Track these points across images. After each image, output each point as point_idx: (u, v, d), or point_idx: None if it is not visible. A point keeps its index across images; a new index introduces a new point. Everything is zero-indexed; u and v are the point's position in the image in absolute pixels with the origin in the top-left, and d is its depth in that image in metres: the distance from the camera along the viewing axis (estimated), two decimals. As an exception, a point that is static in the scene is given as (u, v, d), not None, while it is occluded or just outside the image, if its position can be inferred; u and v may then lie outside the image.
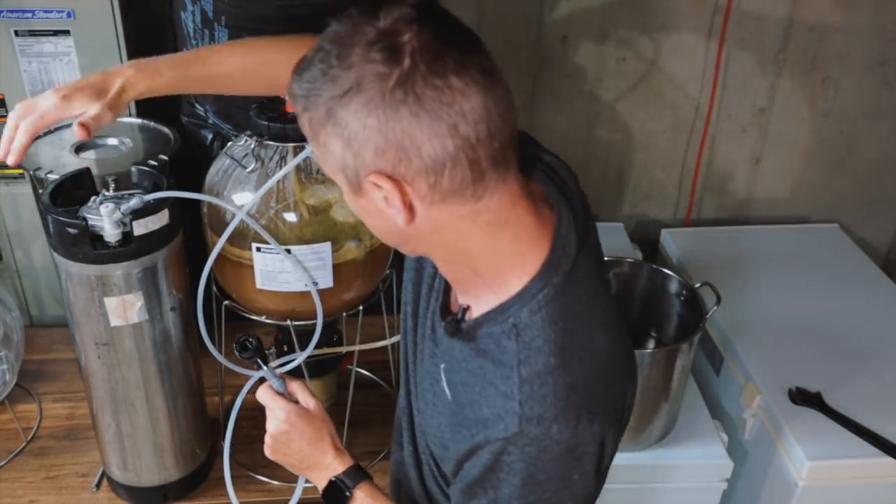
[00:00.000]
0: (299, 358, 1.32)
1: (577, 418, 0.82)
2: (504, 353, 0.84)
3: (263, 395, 1.09)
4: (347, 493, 1.02)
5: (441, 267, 0.93)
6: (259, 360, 1.10)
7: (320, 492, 1.06)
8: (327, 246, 1.32)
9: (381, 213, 0.82)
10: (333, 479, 1.04)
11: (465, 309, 0.91)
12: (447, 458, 0.95)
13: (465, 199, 0.80)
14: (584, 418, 0.82)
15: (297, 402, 1.09)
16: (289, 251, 1.31)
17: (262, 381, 1.13)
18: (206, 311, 1.29)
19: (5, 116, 1.66)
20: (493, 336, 0.86)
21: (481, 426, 0.85)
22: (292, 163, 1.27)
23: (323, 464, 1.05)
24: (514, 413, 0.81)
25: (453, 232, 0.83)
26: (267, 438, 1.08)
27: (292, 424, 1.05)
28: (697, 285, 1.62)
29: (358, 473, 1.04)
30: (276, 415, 1.06)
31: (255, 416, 1.66)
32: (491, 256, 0.85)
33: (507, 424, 0.82)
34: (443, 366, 0.95)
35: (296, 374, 1.56)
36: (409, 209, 0.80)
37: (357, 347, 1.44)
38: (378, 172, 0.78)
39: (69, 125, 1.65)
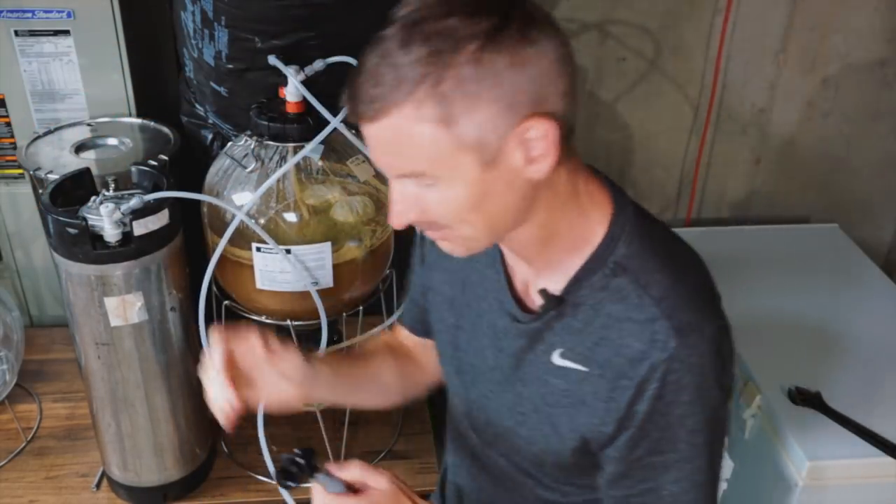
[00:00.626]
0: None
1: (715, 317, 0.86)
2: (622, 290, 0.86)
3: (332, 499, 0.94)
4: None
5: (526, 242, 0.89)
6: (313, 474, 0.95)
7: None
8: (327, 246, 1.32)
9: (512, 182, 0.80)
10: None
11: (544, 290, 0.90)
12: (598, 437, 0.90)
13: (569, 139, 0.82)
14: (715, 314, 0.87)
15: (354, 487, 0.95)
16: (289, 251, 1.31)
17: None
18: (206, 311, 1.29)
19: (6, 116, 1.66)
20: (598, 285, 0.87)
21: (638, 361, 0.84)
22: (292, 161, 1.27)
23: None
24: (667, 329, 0.83)
25: (555, 184, 0.84)
26: None
27: None
28: (697, 285, 1.61)
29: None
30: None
31: (255, 417, 1.67)
32: (576, 207, 0.87)
33: (665, 343, 0.83)
34: (558, 351, 0.91)
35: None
36: (559, 149, 0.79)
37: (358, 339, 1.44)
38: (534, 115, 0.77)
39: (69, 125, 1.66)
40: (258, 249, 1.32)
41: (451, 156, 0.77)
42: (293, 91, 1.32)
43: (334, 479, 0.94)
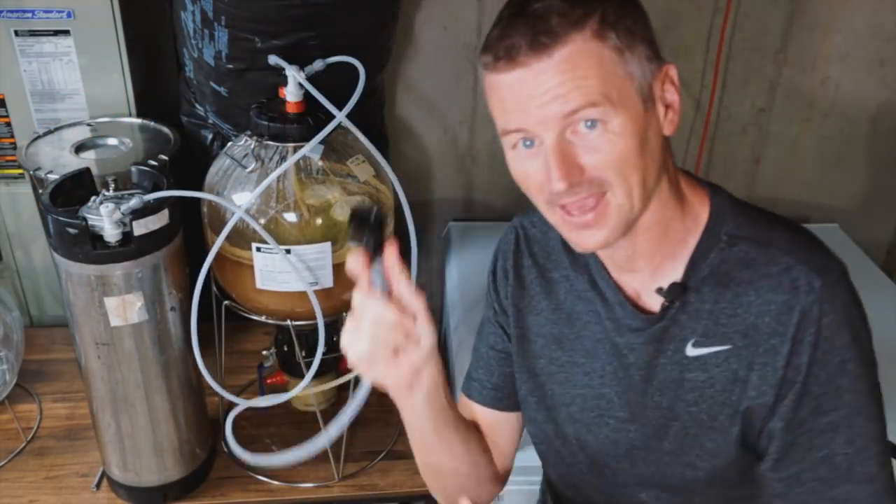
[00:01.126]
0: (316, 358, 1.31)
1: (834, 255, 0.85)
2: (746, 255, 0.85)
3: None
4: None
5: (641, 235, 0.86)
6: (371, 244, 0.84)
7: None
8: (327, 246, 1.32)
9: (657, 132, 0.82)
10: None
11: (661, 288, 0.88)
12: (759, 411, 0.85)
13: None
14: (834, 254, 0.86)
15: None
16: (288, 251, 1.31)
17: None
18: (207, 311, 1.29)
19: (6, 116, 1.66)
20: (715, 259, 0.86)
21: (787, 313, 0.81)
22: (292, 159, 1.27)
23: None
24: (808, 273, 0.82)
25: (664, 161, 0.84)
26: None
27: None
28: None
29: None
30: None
31: (255, 416, 1.67)
32: (677, 193, 0.87)
33: (809, 285, 0.81)
34: (692, 342, 0.87)
35: (297, 374, 1.57)
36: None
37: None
38: (665, 61, 0.81)
39: (69, 125, 1.66)
40: (258, 249, 1.32)
41: (622, 85, 0.78)
42: (293, 91, 1.32)
43: (383, 279, 0.84)
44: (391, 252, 0.84)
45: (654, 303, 0.90)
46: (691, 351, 0.87)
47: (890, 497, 0.84)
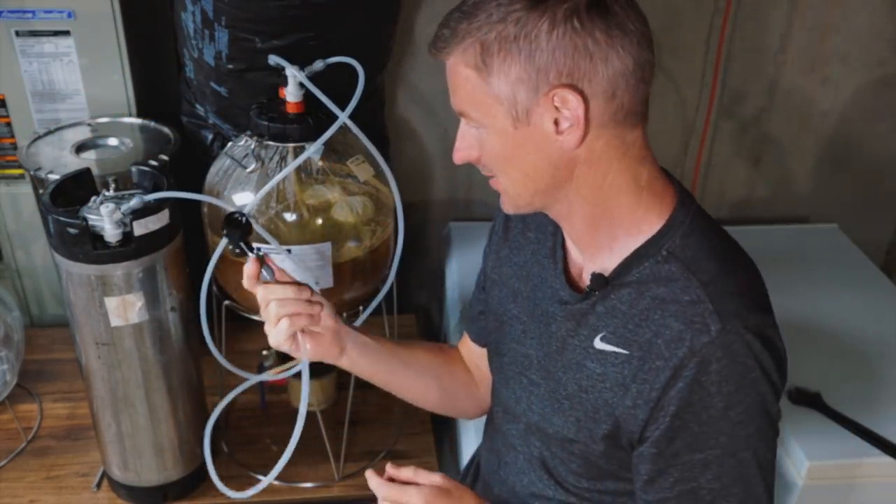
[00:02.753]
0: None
1: (763, 312, 0.86)
2: (671, 274, 0.87)
3: (386, 489, 1.00)
4: None
5: (576, 218, 0.91)
6: (244, 245, 1.05)
7: None
8: (327, 246, 1.32)
9: (541, 144, 0.85)
10: None
11: (598, 274, 0.92)
12: (630, 422, 0.89)
13: (625, 126, 0.86)
14: (768, 312, 0.87)
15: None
16: (289, 251, 1.31)
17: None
18: (206, 311, 1.29)
19: (7, 117, 1.66)
20: (647, 269, 0.89)
21: (677, 343, 0.83)
22: (295, 162, 1.27)
23: None
24: (711, 313, 0.83)
25: (604, 165, 0.87)
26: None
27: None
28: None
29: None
30: (413, 501, 0.97)
31: (255, 416, 1.67)
32: (633, 195, 0.89)
33: (707, 326, 0.82)
34: (601, 335, 0.92)
35: (297, 374, 1.56)
36: (585, 126, 0.83)
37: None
38: (564, 86, 0.81)
39: (70, 125, 1.66)
40: (258, 249, 1.31)
41: (487, 104, 0.85)
42: (293, 91, 1.32)
43: (270, 272, 1.03)
44: (269, 259, 1.04)
45: (587, 282, 0.95)
46: (598, 344, 0.92)
47: None
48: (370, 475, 1.02)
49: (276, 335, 1.02)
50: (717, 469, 0.85)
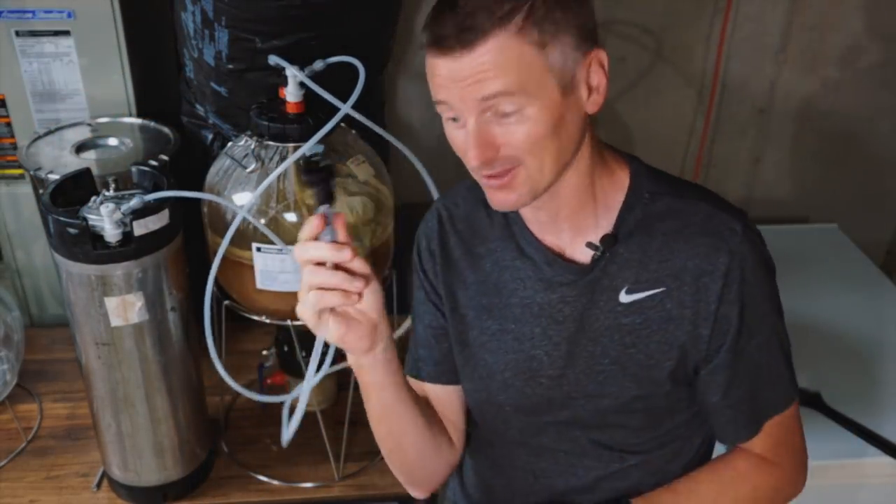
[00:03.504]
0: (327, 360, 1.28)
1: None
2: (668, 208, 0.94)
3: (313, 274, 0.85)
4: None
5: (568, 193, 0.93)
6: (323, 193, 0.88)
7: None
8: (327, 246, 1.32)
9: (577, 112, 0.87)
10: None
11: (591, 243, 0.95)
12: (696, 344, 0.93)
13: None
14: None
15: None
16: (289, 251, 1.31)
17: None
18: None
19: (7, 117, 1.66)
20: (641, 214, 0.94)
21: (715, 253, 0.91)
22: (292, 157, 1.27)
23: None
24: (727, 217, 0.92)
25: (587, 132, 0.91)
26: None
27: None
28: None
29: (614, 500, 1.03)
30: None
31: (255, 416, 1.67)
32: (600, 157, 0.95)
33: (733, 229, 0.91)
34: (624, 290, 0.94)
35: (297, 374, 1.57)
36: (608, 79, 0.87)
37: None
38: (599, 46, 0.86)
39: (70, 125, 1.66)
40: (258, 249, 1.32)
41: (540, 77, 0.83)
42: (293, 91, 1.32)
43: (333, 234, 0.85)
44: (341, 221, 0.86)
45: (583, 257, 0.96)
46: (625, 298, 0.94)
47: (794, 386, 1.00)
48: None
49: (301, 308, 0.86)
50: (767, 347, 0.96)
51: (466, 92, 0.83)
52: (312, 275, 0.84)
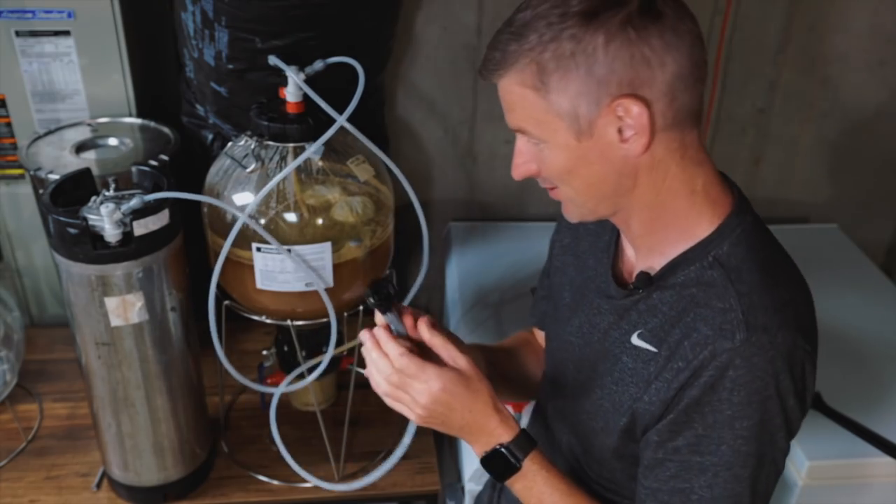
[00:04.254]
0: (327, 357, 1.30)
1: (795, 332, 0.84)
2: (712, 280, 0.87)
3: (407, 362, 0.94)
4: (518, 465, 0.94)
5: (634, 222, 0.92)
6: (383, 306, 0.99)
7: (476, 453, 0.96)
8: (327, 246, 1.32)
9: (606, 154, 0.85)
10: (500, 448, 0.94)
11: (644, 272, 0.94)
12: (645, 417, 0.90)
13: (684, 128, 0.87)
14: (800, 335, 0.84)
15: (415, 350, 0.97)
16: (289, 251, 1.31)
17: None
18: (206, 311, 1.29)
19: (7, 117, 1.66)
20: (692, 273, 0.89)
21: (702, 346, 0.84)
22: (294, 163, 1.27)
23: (486, 430, 0.95)
24: (739, 322, 0.83)
25: (664, 169, 0.87)
26: (418, 410, 0.94)
27: (450, 393, 0.92)
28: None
29: (526, 442, 0.95)
30: (431, 385, 0.92)
31: (255, 416, 1.67)
32: (687, 198, 0.90)
33: (733, 334, 0.82)
34: (638, 332, 0.93)
35: (297, 375, 1.57)
36: (651, 133, 0.83)
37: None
38: (626, 96, 0.82)
39: (70, 125, 1.66)
40: (258, 249, 1.32)
41: (548, 121, 0.85)
42: (293, 91, 1.32)
43: (400, 323, 0.98)
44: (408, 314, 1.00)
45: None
46: (635, 340, 0.93)
47: None
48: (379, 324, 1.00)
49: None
50: (711, 478, 0.86)
51: (505, 115, 0.90)
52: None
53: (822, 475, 1.51)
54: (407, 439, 0.99)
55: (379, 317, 1.00)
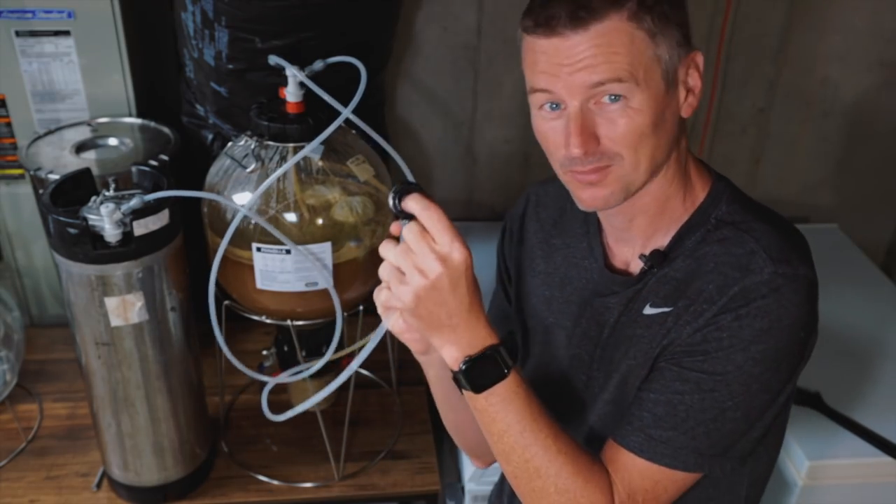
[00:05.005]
0: (325, 357, 1.29)
1: (810, 266, 0.87)
2: (724, 237, 0.89)
3: (411, 236, 0.84)
4: (506, 371, 0.86)
5: (650, 200, 0.91)
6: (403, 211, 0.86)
7: (454, 360, 0.86)
8: (327, 246, 1.32)
9: (674, 111, 0.87)
10: (489, 350, 0.85)
11: (656, 250, 0.93)
12: (664, 355, 0.89)
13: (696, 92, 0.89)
14: (812, 269, 0.87)
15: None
16: (288, 252, 1.31)
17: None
18: (206, 311, 1.29)
19: (7, 117, 1.66)
20: (699, 239, 0.91)
21: (729, 286, 0.85)
22: (297, 156, 1.27)
23: (475, 330, 0.86)
24: (765, 259, 0.85)
25: (680, 139, 0.91)
26: (408, 292, 0.84)
27: (451, 279, 0.83)
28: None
29: (513, 350, 0.89)
30: (428, 264, 0.83)
31: (255, 416, 1.67)
32: (684, 175, 0.93)
33: (761, 268, 0.84)
34: (650, 303, 0.93)
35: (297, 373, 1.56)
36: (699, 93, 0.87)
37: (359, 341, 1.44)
38: (696, 48, 0.87)
39: (70, 125, 1.66)
40: (258, 249, 1.32)
41: (649, 66, 0.83)
42: (293, 91, 1.32)
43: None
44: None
45: (637, 268, 0.96)
46: (647, 310, 0.93)
47: (697, 462, 0.87)
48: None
49: (376, 299, 0.90)
50: (705, 394, 0.85)
51: (575, 77, 0.82)
52: (386, 272, 0.86)
53: (822, 475, 1.51)
54: (377, 338, 0.90)
55: (395, 226, 0.88)
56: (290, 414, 0.91)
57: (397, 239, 0.86)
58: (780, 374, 0.87)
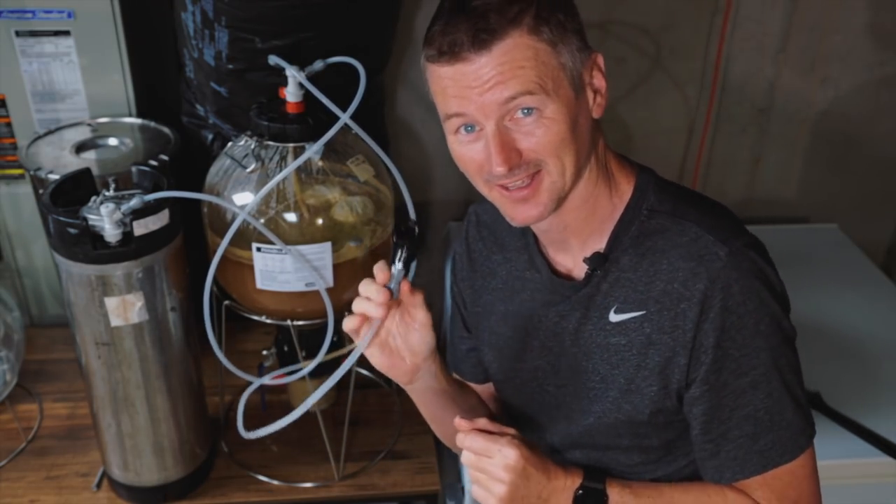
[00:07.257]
0: (317, 358, 1.29)
1: (748, 233, 0.91)
2: (661, 227, 0.91)
3: (479, 442, 0.91)
4: (605, 495, 0.93)
5: (579, 204, 0.93)
6: (402, 252, 0.92)
7: None
8: (327, 246, 1.32)
9: (586, 114, 0.89)
10: (581, 489, 0.93)
11: (596, 252, 0.94)
12: (674, 372, 0.90)
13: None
14: (749, 233, 0.91)
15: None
16: (284, 252, 1.31)
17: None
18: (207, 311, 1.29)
19: (7, 117, 1.66)
20: (636, 233, 0.92)
21: (694, 279, 0.87)
22: (295, 162, 1.27)
23: (560, 483, 0.93)
24: (713, 242, 0.87)
25: (596, 139, 0.92)
26: (500, 488, 0.90)
27: (526, 459, 0.90)
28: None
29: (594, 471, 0.95)
30: (507, 455, 0.90)
31: (255, 416, 1.67)
32: (607, 175, 0.94)
33: (716, 253, 0.87)
34: (613, 309, 0.94)
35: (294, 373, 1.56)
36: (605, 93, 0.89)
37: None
38: (595, 50, 0.88)
39: (70, 125, 1.66)
40: (258, 249, 1.32)
41: (556, 75, 0.85)
42: (293, 91, 1.32)
43: (397, 285, 0.92)
44: (406, 287, 0.93)
45: (581, 274, 0.97)
46: (613, 317, 0.94)
47: (806, 437, 0.92)
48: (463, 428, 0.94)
49: (345, 322, 0.95)
50: (765, 387, 0.89)
51: (486, 97, 0.83)
52: (356, 301, 0.93)
53: (822, 475, 1.50)
54: (360, 349, 0.94)
55: (380, 272, 0.92)
56: (262, 432, 0.92)
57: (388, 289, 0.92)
58: (785, 329, 0.90)
